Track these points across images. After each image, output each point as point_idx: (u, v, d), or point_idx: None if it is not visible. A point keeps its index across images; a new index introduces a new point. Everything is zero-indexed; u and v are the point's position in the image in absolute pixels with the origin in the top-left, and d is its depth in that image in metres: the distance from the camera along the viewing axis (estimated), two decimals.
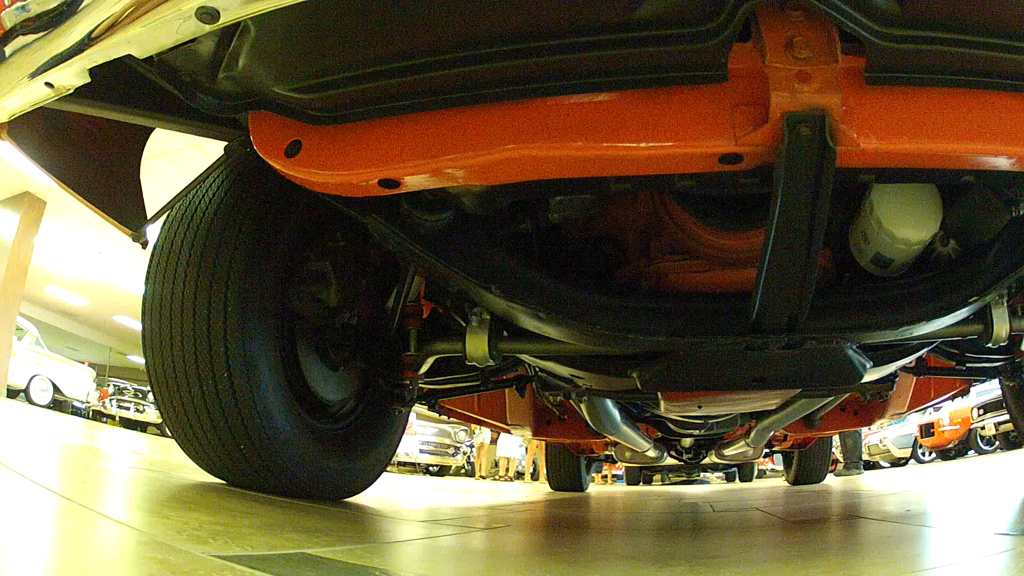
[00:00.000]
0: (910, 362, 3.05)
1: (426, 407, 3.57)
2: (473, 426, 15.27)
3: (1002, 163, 1.47)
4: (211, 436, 2.10)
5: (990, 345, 2.18)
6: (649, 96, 1.38)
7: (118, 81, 1.56)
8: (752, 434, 4.29)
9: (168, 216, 2.18)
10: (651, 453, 5.48)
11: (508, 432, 4.81)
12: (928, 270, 1.93)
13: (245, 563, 1.16)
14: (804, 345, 1.81)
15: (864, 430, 21.23)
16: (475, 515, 3.35)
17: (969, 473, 6.50)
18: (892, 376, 3.19)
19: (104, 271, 18.30)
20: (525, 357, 2.43)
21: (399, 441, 3.19)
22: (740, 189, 1.52)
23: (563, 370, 2.40)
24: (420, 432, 20.27)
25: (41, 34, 1.38)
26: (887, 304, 1.86)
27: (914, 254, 1.90)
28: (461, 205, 1.70)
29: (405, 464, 20.03)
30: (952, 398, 4.59)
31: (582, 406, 3.03)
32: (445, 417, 4.55)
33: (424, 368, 2.61)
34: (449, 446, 21.35)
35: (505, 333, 2.18)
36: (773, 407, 2.80)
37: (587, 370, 2.29)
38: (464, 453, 22.25)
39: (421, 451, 20.51)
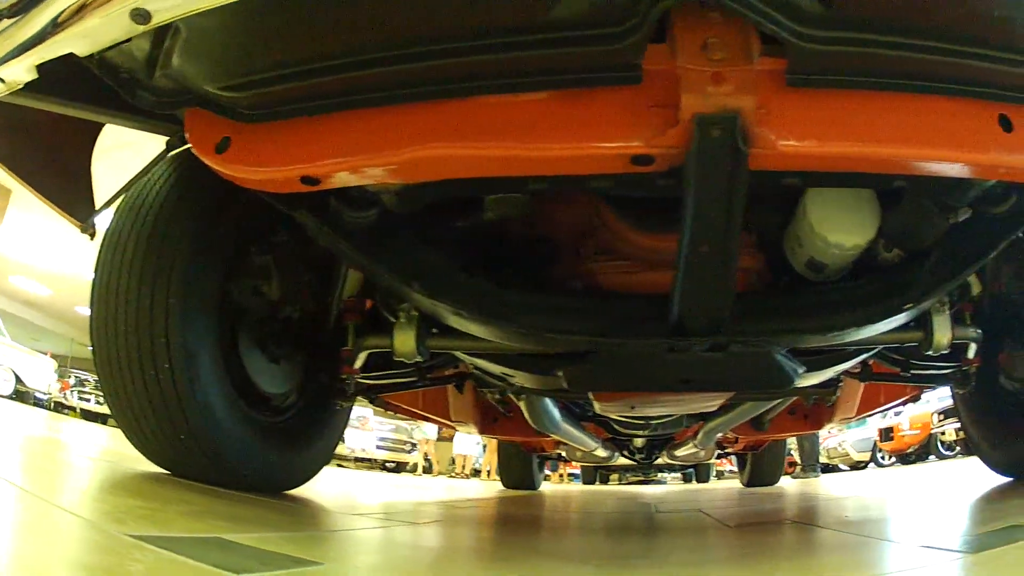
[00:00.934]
0: (852, 367, 3.03)
1: (368, 402, 3.52)
2: (419, 422, 15.26)
3: (932, 168, 1.46)
4: (153, 426, 2.08)
5: (931, 352, 2.17)
6: (565, 97, 1.39)
7: (67, 77, 1.55)
8: (700, 436, 4.28)
9: (118, 206, 2.16)
10: (601, 453, 5.48)
11: (453, 429, 4.78)
12: (867, 276, 1.91)
13: (157, 543, 1.20)
14: (729, 348, 1.80)
15: (823, 433, 21.65)
16: (407, 510, 3.38)
17: (923, 478, 6.56)
18: (835, 381, 3.18)
19: (68, 261, 18.02)
20: (459, 354, 2.44)
21: (341, 435, 3.19)
22: (659, 191, 1.51)
23: (495, 368, 2.39)
24: (377, 428, 20.18)
25: None
26: (816, 309, 1.86)
27: (849, 259, 1.88)
28: (385, 203, 1.71)
29: (362, 460, 19.93)
30: (903, 404, 4.60)
31: (521, 404, 3.02)
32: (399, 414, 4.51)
33: (359, 363, 2.56)
34: (406, 442, 21.29)
35: (434, 330, 2.18)
36: (713, 409, 2.77)
37: (516, 368, 2.28)
38: (420, 450, 22.14)
39: (378, 447, 20.43)
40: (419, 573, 1.52)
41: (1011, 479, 2.60)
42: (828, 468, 20.45)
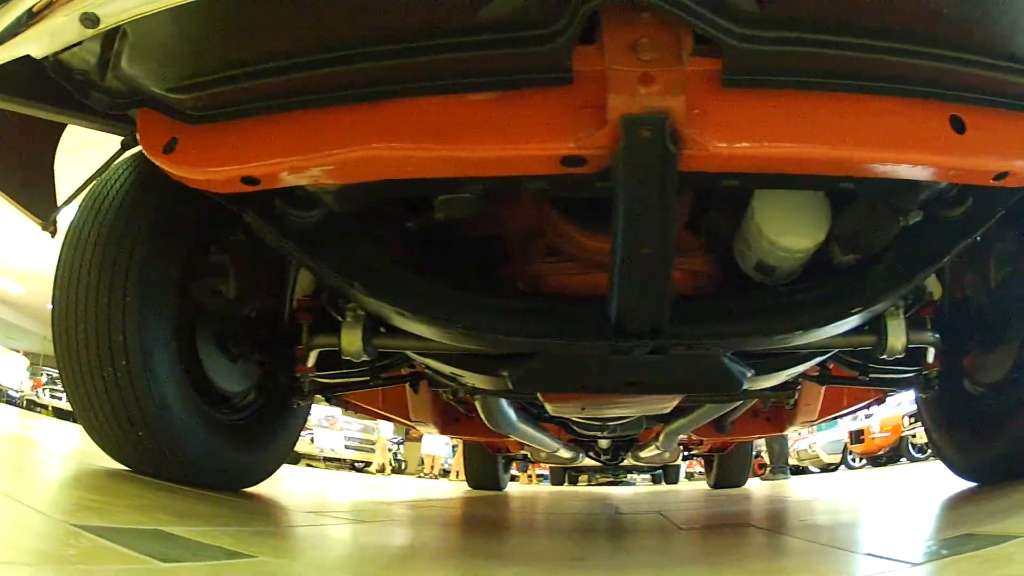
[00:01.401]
0: (808, 371, 3.02)
1: (325, 401, 3.50)
2: (377, 421, 15.25)
3: (878, 170, 1.44)
4: (113, 423, 2.09)
5: (885, 357, 2.15)
6: (498, 98, 1.39)
7: (27, 77, 1.61)
8: (661, 438, 4.27)
9: (80, 204, 2.17)
10: (565, 454, 5.47)
11: (413, 428, 4.76)
12: (818, 278, 1.90)
13: (96, 532, 1.24)
14: (671, 351, 1.78)
15: (793, 435, 21.84)
16: (362, 509, 3.41)
17: (891, 481, 6.61)
18: (793, 384, 3.17)
19: (41, 259, 17.78)
20: (410, 354, 2.44)
21: (299, 434, 3.21)
22: (597, 192, 1.49)
23: (444, 368, 2.38)
24: (345, 428, 20.09)
25: None
26: (762, 312, 1.84)
27: (799, 262, 1.87)
28: (326, 203, 1.73)
29: (331, 460, 19.84)
30: (867, 407, 4.61)
31: (477, 404, 3.00)
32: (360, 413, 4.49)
33: (312, 361, 2.57)
34: (373, 443, 21.21)
35: (382, 329, 2.17)
36: (667, 411, 2.74)
37: (463, 368, 2.27)
38: (390, 450, 22.10)
39: (347, 447, 20.34)
40: (349, 568, 1.53)
41: (975, 484, 2.59)
42: (798, 470, 20.62)
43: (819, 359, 2.49)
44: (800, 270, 1.91)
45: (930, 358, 2.43)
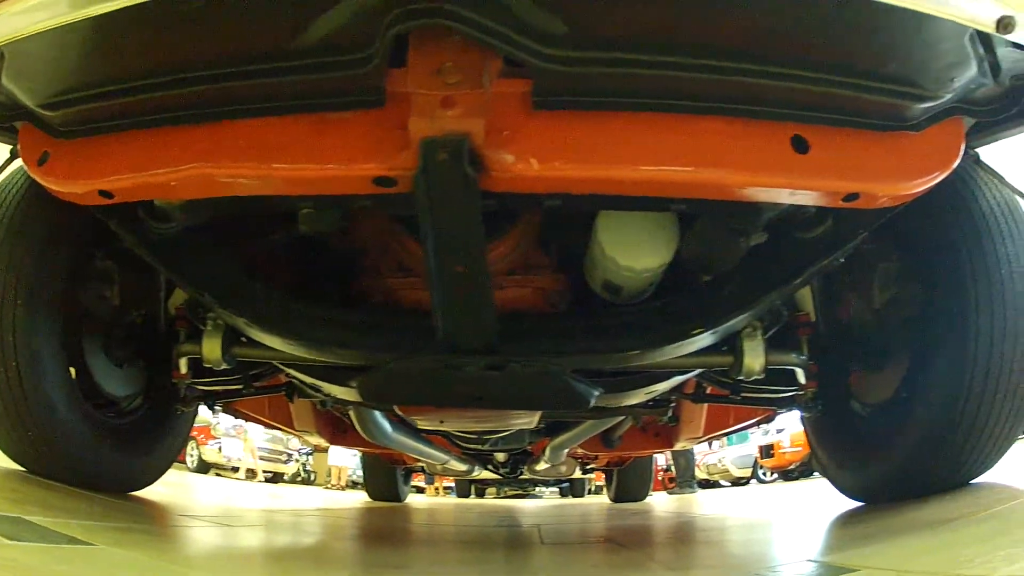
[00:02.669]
0: (683, 389, 3.05)
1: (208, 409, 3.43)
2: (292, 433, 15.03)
3: (705, 190, 1.44)
4: (4, 423, 2.10)
5: (742, 378, 2.14)
6: (319, 120, 1.43)
7: None
8: (547, 452, 4.28)
9: None
10: (459, 466, 5.45)
11: (298, 437, 4.70)
12: (665, 299, 1.90)
13: None
14: (508, 368, 1.77)
15: (703, 449, 22.12)
16: (240, 515, 3.42)
17: (791, 497, 6.73)
18: (665, 402, 3.20)
19: None
20: (276, 363, 2.44)
21: (185, 440, 3.25)
22: (414, 211, 1.49)
23: (306, 378, 2.37)
24: (254, 438, 19.68)
25: None
26: (601, 332, 1.84)
27: (646, 282, 1.88)
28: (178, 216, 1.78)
29: (238, 470, 19.40)
30: (757, 425, 4.65)
31: (352, 415, 2.98)
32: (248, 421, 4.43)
33: (184, 368, 2.56)
34: (282, 452, 20.83)
35: (243, 339, 2.19)
36: (531, 425, 2.74)
37: (319, 379, 2.28)
38: (297, 460, 21.75)
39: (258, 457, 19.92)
40: (181, 561, 1.59)
41: (862, 503, 2.56)
42: (709, 484, 20.88)
43: (680, 378, 2.48)
44: (651, 289, 1.92)
45: (801, 379, 2.40)
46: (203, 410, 3.32)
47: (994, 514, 1.69)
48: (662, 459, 16.34)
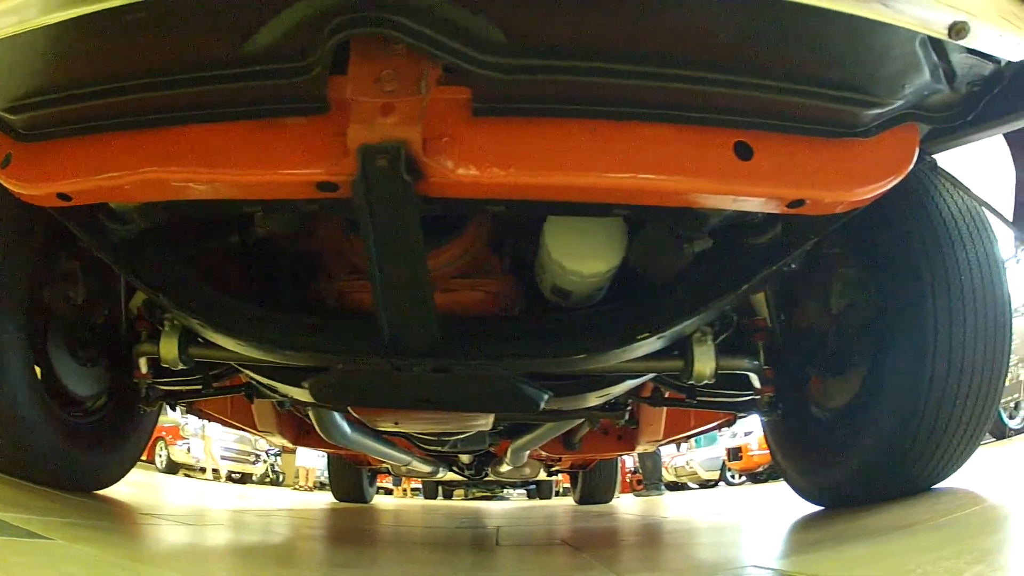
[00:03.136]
0: (641, 392, 3.08)
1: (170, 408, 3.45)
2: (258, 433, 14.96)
3: (645, 197, 1.44)
4: None
5: (692, 382, 2.15)
6: (264, 125, 1.45)
7: None
8: (508, 454, 4.29)
9: None
10: (423, 467, 5.45)
11: (263, 438, 4.70)
12: (614, 304, 1.93)
13: None
14: (453, 371, 1.80)
15: (673, 450, 22.14)
16: (201, 514, 3.44)
17: (757, 499, 6.71)
18: (623, 404, 3.23)
19: None
20: (234, 364, 2.47)
21: (148, 440, 3.28)
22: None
23: (261, 379, 2.39)
24: (221, 438, 19.55)
25: None
26: (547, 336, 1.87)
27: (593, 287, 1.89)
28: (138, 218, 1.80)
29: (205, 470, 19.25)
30: (718, 428, 4.67)
31: (311, 416, 2.99)
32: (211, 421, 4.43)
33: (144, 368, 2.62)
34: (250, 453, 20.71)
35: (200, 339, 2.22)
36: (486, 428, 2.75)
37: (273, 379, 2.30)
38: (265, 461, 21.64)
39: (223, 458, 19.80)
40: (134, 556, 1.59)
41: (822, 507, 2.57)
42: (677, 486, 20.99)
43: (633, 382, 2.49)
44: (600, 294, 1.94)
45: (756, 384, 2.44)
46: (174, 411, 3.35)
47: (949, 521, 1.69)
48: (630, 461, 16.48)
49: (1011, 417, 12.24)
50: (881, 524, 1.85)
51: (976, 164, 1.94)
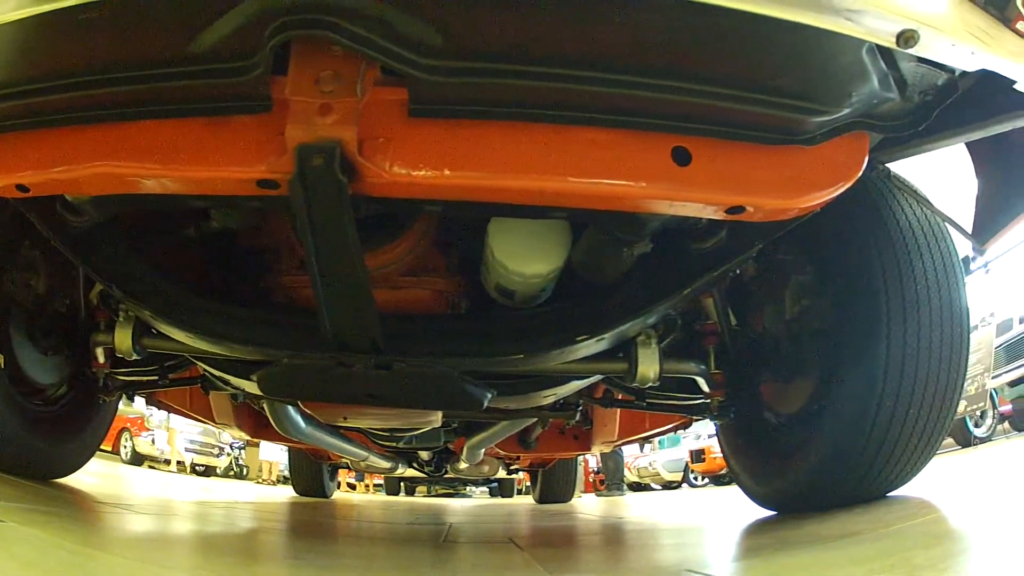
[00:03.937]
0: (592, 393, 3.12)
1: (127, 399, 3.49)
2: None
3: (581, 200, 1.46)
4: None
5: (636, 385, 2.15)
6: (209, 123, 1.47)
7: None
8: (464, 451, 4.32)
9: None
10: (381, 463, 5.47)
11: (224, 430, 4.69)
12: (556, 305, 1.95)
13: None
14: (394, 367, 1.82)
15: (636, 451, 22.15)
16: (157, 504, 3.49)
17: (714, 501, 6.73)
18: (573, 405, 3.27)
19: None
20: (187, 356, 2.47)
21: (107, 430, 3.30)
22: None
23: (213, 371, 2.41)
24: (186, 430, 19.41)
25: None
26: (488, 335, 1.89)
27: (537, 287, 1.91)
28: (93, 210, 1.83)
29: (170, 462, 19.10)
30: (673, 430, 4.72)
31: (266, 409, 3.01)
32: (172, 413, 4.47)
33: (102, 358, 2.65)
34: (214, 446, 20.57)
35: (153, 331, 2.22)
36: (435, 424, 2.78)
37: (224, 371, 2.31)
38: (229, 455, 21.51)
39: (187, 450, 19.65)
40: (82, 540, 1.60)
41: (774, 512, 2.55)
42: (640, 487, 21.08)
43: (580, 383, 2.50)
44: (544, 294, 1.96)
45: (704, 387, 2.46)
46: (140, 402, 3.37)
47: (894, 531, 1.68)
48: (593, 461, 16.56)
49: (977, 425, 12.43)
50: (827, 532, 1.84)
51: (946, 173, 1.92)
